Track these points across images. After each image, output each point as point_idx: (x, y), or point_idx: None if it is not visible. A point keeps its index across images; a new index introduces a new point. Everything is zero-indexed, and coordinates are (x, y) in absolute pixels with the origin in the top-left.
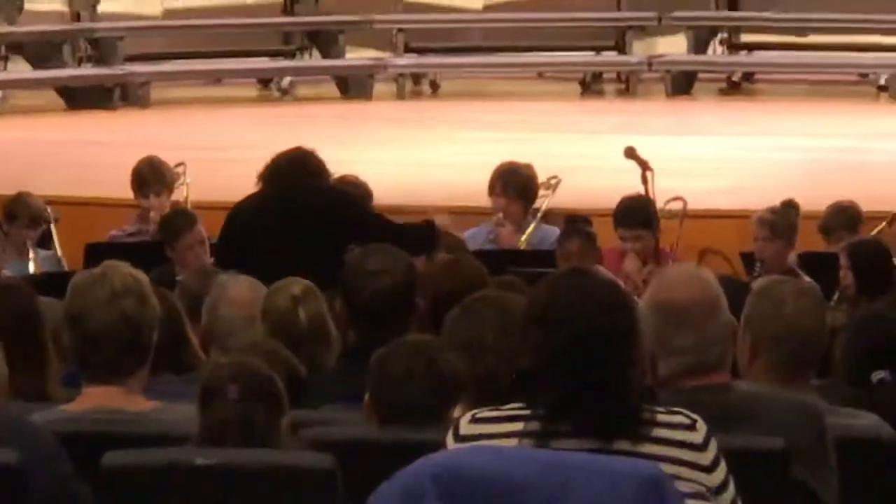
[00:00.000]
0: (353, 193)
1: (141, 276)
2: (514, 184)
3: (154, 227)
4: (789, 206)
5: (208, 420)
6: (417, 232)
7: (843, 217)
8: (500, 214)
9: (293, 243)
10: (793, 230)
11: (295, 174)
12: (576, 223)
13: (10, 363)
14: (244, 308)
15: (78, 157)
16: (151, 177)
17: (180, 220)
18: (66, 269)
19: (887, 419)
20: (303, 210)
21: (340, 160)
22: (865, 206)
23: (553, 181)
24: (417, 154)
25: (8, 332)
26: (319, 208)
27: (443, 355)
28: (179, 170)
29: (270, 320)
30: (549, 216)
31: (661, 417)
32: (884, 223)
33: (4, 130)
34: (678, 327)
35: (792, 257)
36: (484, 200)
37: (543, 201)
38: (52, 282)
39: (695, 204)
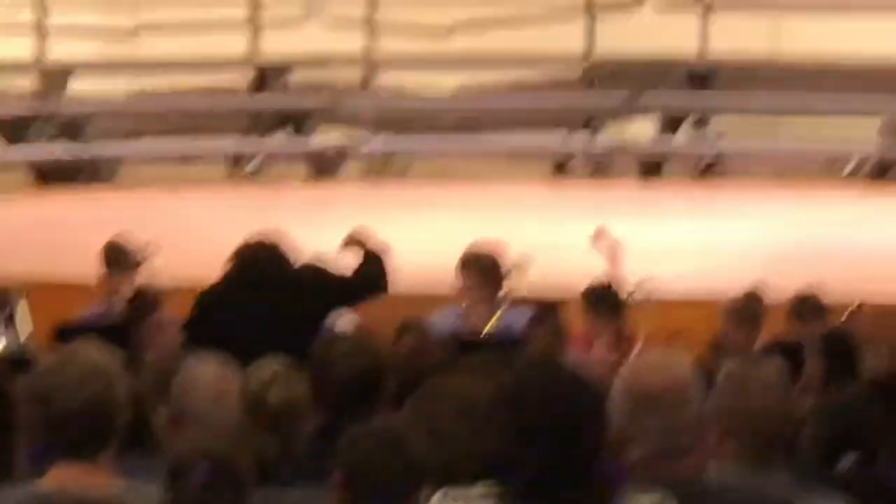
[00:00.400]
0: (316, 267)
1: (110, 357)
2: (484, 268)
3: (122, 307)
4: (754, 295)
5: (172, 501)
6: (370, 277)
7: (809, 305)
8: (471, 298)
9: (262, 324)
10: (758, 318)
11: (264, 257)
12: (545, 312)
13: None
14: (212, 389)
15: (47, 237)
16: (118, 257)
17: (148, 300)
18: (31, 349)
19: (857, 502)
20: (272, 289)
21: (309, 241)
22: (833, 294)
23: (523, 264)
24: (385, 236)
25: None
26: (288, 286)
27: (411, 437)
28: (148, 250)
29: (243, 400)
30: (519, 300)
31: (635, 499)
32: (849, 310)
33: None
34: (647, 412)
35: (759, 345)
36: (451, 284)
37: (513, 285)
38: (21, 364)
39: (663, 290)
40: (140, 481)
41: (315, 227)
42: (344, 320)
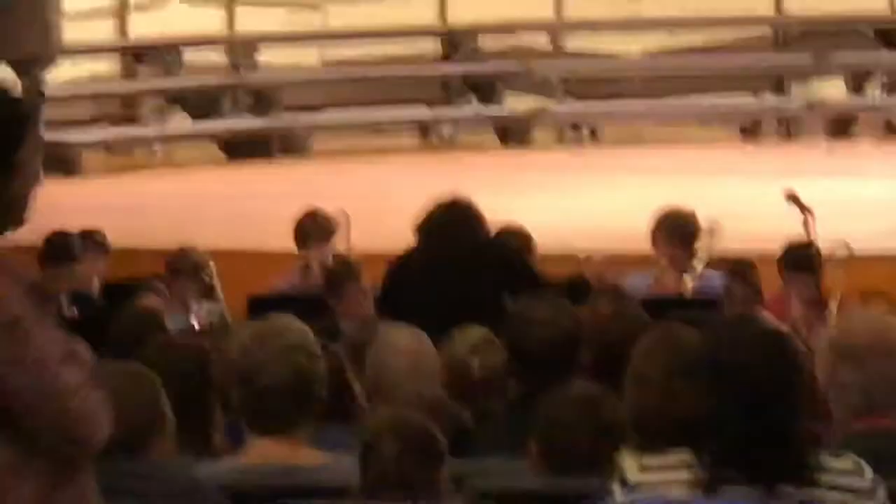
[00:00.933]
0: (512, 246)
1: (306, 329)
2: (677, 230)
3: (317, 279)
4: None
5: (368, 474)
6: (571, 289)
7: None
8: (664, 261)
9: (455, 295)
10: None
11: (454, 225)
12: (740, 268)
13: (178, 417)
14: (408, 358)
15: (238, 209)
16: (313, 228)
17: (344, 271)
18: (230, 321)
19: None
20: (464, 262)
21: (500, 208)
22: None
23: (715, 227)
24: (577, 201)
25: (177, 387)
26: (481, 260)
27: (607, 403)
28: (341, 220)
29: (446, 368)
30: (712, 262)
31: (828, 462)
32: None
33: (165, 183)
34: (846, 365)
35: None
36: (644, 246)
37: (706, 247)
38: (218, 335)
39: (857, 247)
40: (341, 454)
41: (506, 195)
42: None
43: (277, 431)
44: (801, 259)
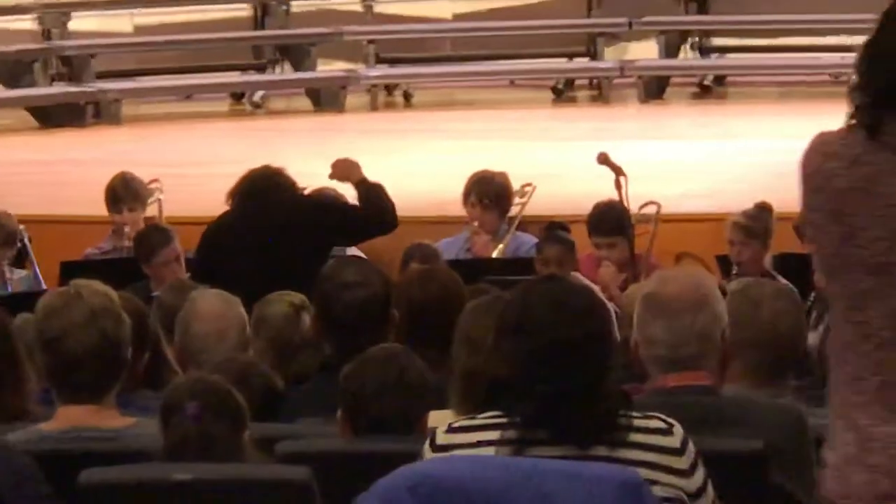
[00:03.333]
0: (322, 197)
1: (112, 293)
2: (489, 192)
3: (129, 244)
4: (763, 209)
5: (169, 436)
6: (378, 212)
7: None
8: (476, 224)
9: (270, 257)
10: (768, 232)
11: (266, 189)
12: (555, 230)
13: None
14: (215, 322)
15: (51, 175)
16: (125, 192)
17: (156, 236)
18: (45, 287)
19: None
20: (277, 223)
21: (314, 173)
22: None
23: (527, 189)
24: (391, 165)
25: None
26: (294, 219)
27: (412, 364)
28: (154, 185)
29: (268, 329)
30: (525, 224)
31: (638, 422)
32: None
33: None
34: (654, 318)
35: (768, 260)
36: (458, 209)
37: (518, 209)
38: (29, 301)
39: (669, 208)
40: (153, 418)
41: (320, 159)
42: (350, 251)
43: (84, 397)
44: (610, 221)
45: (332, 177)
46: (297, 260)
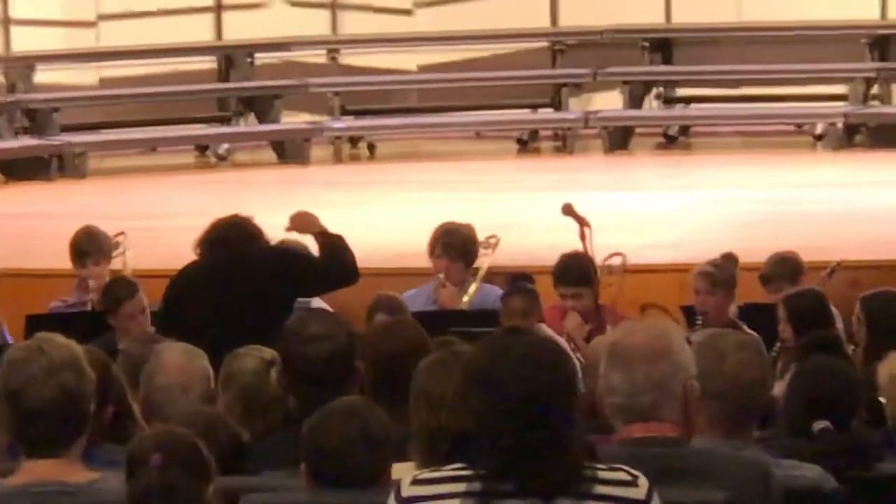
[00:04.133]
0: (287, 249)
1: (75, 346)
2: (454, 244)
3: (94, 297)
4: (729, 259)
5: (133, 489)
6: (340, 265)
7: (784, 267)
8: (441, 276)
9: (235, 308)
10: (732, 282)
11: (232, 240)
12: (519, 281)
13: None
14: (178, 375)
15: (16, 229)
16: (90, 246)
17: (121, 288)
18: (10, 341)
19: (828, 470)
20: (243, 274)
21: (278, 225)
22: (806, 257)
23: (492, 240)
24: (355, 217)
25: None
26: (259, 270)
27: (374, 416)
28: (119, 238)
29: (237, 384)
30: (490, 276)
31: (603, 474)
32: (823, 273)
33: None
34: (614, 367)
35: (733, 309)
36: (423, 261)
37: (484, 261)
38: None
39: (634, 259)
40: (118, 471)
41: (284, 211)
42: (315, 303)
43: (47, 451)
44: (575, 272)
45: (289, 229)
46: (264, 310)
